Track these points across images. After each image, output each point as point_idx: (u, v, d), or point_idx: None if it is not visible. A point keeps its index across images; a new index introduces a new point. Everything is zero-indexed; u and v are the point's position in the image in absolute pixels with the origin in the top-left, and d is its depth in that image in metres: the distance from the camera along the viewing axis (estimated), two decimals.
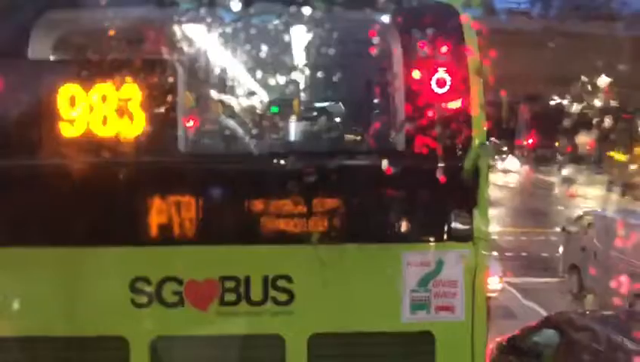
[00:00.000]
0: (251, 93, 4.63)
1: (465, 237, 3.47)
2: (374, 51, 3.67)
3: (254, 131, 4.37)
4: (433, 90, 3.44)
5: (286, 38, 4.07)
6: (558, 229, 15.26)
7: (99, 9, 3.49)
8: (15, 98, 3.41)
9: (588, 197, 24.18)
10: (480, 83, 3.48)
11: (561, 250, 13.75)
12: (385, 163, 3.50)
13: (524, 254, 15.79)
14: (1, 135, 3.38)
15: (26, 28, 3.45)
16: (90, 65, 3.50)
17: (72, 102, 3.36)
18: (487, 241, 3.54)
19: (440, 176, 3.40)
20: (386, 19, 3.55)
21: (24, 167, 3.38)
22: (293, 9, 3.53)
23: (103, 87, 3.38)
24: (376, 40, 3.64)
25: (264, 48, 4.11)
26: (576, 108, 32.35)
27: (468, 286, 3.49)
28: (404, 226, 3.49)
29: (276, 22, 3.77)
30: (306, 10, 3.50)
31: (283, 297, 3.44)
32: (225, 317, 3.44)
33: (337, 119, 4.72)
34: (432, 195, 3.45)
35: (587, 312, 9.12)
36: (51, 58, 3.60)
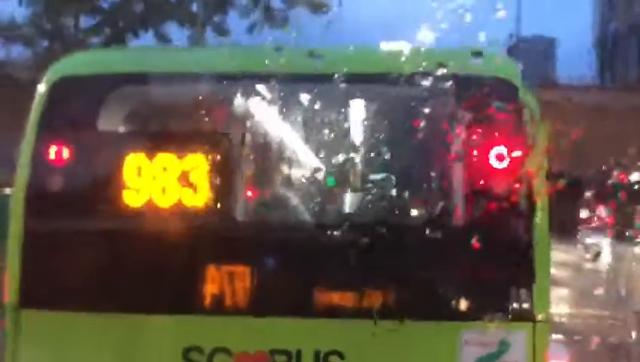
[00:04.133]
0: (309, 165, 4.68)
1: (525, 316, 3.31)
2: (432, 124, 3.67)
3: (311, 202, 4.39)
4: (492, 165, 3.39)
5: (345, 111, 4.12)
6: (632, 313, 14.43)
7: (170, 85, 3.65)
8: (84, 167, 3.57)
9: None
10: (542, 157, 3.41)
11: (634, 335, 12.95)
12: (442, 237, 3.43)
13: (593, 338, 14.93)
14: (67, 201, 3.52)
15: (100, 101, 3.63)
16: (156, 136, 3.64)
17: (138, 172, 3.48)
18: (549, 321, 3.37)
19: (498, 252, 3.30)
20: (444, 93, 3.56)
21: (84, 233, 3.48)
22: (353, 83, 3.60)
23: (166, 158, 3.49)
24: (434, 113, 3.65)
25: (323, 121, 4.18)
26: None
27: None
28: (461, 304, 3.37)
29: (335, 95, 3.84)
30: (366, 84, 3.56)
31: None
32: None
33: (394, 192, 4.70)
34: (489, 271, 3.34)
35: None
36: (120, 130, 3.77)
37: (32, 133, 3.54)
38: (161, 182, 3.47)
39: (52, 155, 3.51)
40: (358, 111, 4.26)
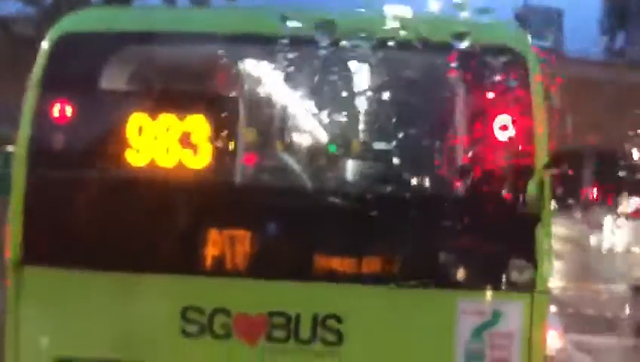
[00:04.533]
0: (311, 131, 4.66)
1: (524, 287, 3.34)
2: (437, 94, 3.65)
3: (312, 169, 4.39)
4: (496, 136, 3.38)
5: (349, 78, 4.10)
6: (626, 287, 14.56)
7: (174, 45, 3.62)
8: (87, 125, 3.56)
9: None
10: (545, 129, 3.39)
11: (628, 308, 13.09)
12: (444, 207, 3.44)
13: (587, 311, 15.09)
14: (70, 159, 3.52)
15: (104, 60, 3.60)
16: (158, 96, 3.62)
17: (140, 131, 3.48)
18: (547, 293, 3.40)
19: (500, 223, 3.31)
20: (450, 62, 3.53)
21: (86, 191, 3.49)
22: (359, 50, 3.56)
23: (168, 119, 3.48)
24: (439, 83, 3.62)
25: (327, 87, 4.15)
26: None
27: (525, 340, 3.34)
28: (460, 272, 3.40)
29: (340, 61, 3.81)
30: (371, 52, 3.53)
31: (332, 337, 3.39)
32: (272, 354, 3.41)
33: (396, 161, 4.68)
34: (490, 242, 3.35)
35: None
36: (123, 89, 3.75)
37: (35, 91, 3.53)
38: (163, 142, 3.47)
39: (55, 113, 3.50)
40: (362, 78, 4.23)
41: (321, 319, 3.39)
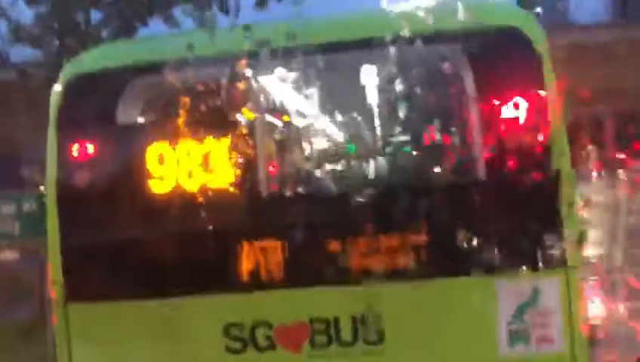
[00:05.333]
0: (329, 134, 4.70)
1: (556, 263, 3.34)
2: (447, 82, 3.65)
3: (335, 172, 4.42)
4: (509, 117, 3.38)
5: (358, 76, 4.12)
6: None
7: (182, 73, 3.68)
8: (108, 161, 3.65)
9: None
10: (559, 104, 3.39)
11: None
12: (469, 193, 3.44)
13: (627, 276, 14.80)
14: (97, 194, 3.61)
15: (115, 94, 3.69)
16: (175, 124, 3.69)
17: (161, 160, 3.55)
18: (581, 265, 3.39)
19: (525, 203, 3.31)
20: (457, 48, 3.54)
21: (119, 224, 3.57)
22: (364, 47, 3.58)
23: (188, 144, 3.55)
24: (448, 71, 3.62)
25: (337, 88, 4.19)
26: None
27: (565, 314, 3.34)
28: (493, 257, 3.41)
29: (348, 60, 3.84)
30: (378, 46, 3.55)
31: (373, 337, 3.41)
32: (316, 359, 3.45)
33: (416, 153, 4.70)
34: (517, 223, 3.35)
35: None
36: (139, 120, 3.83)
37: (53, 133, 3.62)
38: (186, 167, 3.54)
39: (75, 152, 3.59)
40: (372, 76, 4.25)
41: (360, 320, 3.42)
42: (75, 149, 3.61)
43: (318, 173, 4.20)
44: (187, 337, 3.51)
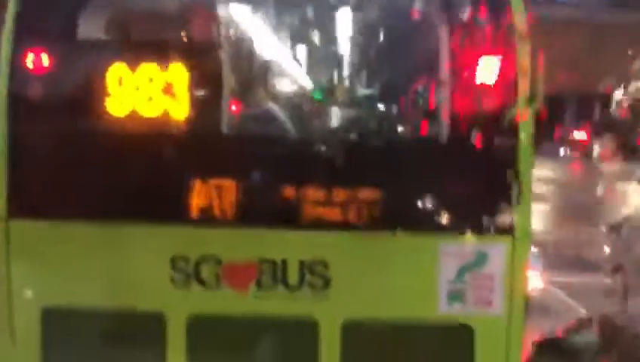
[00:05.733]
0: (295, 78, 4.63)
1: (505, 230, 3.41)
2: (419, 35, 3.62)
3: (297, 116, 4.38)
4: (475, 78, 3.39)
5: (330, 22, 4.05)
6: (604, 228, 14.88)
7: None
8: (65, 77, 3.51)
9: None
10: (525, 70, 3.40)
11: (607, 249, 13.40)
12: (426, 151, 3.46)
13: (567, 252, 15.44)
14: (50, 109, 3.48)
15: (77, 10, 3.52)
16: (138, 46, 3.56)
17: (120, 82, 3.43)
18: (529, 236, 3.48)
19: (480, 167, 3.35)
20: (432, 4, 3.50)
21: (68, 141, 3.46)
22: None
23: (150, 68, 3.43)
24: (421, 24, 3.59)
25: (308, 32, 4.11)
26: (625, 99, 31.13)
27: (507, 280, 3.44)
28: (442, 216, 3.46)
29: (321, 6, 3.76)
30: None
31: (319, 282, 3.46)
32: (261, 300, 3.48)
33: (380, 106, 4.68)
34: (472, 186, 3.40)
35: (630, 314, 8.88)
36: (101, 39, 3.68)
37: (8, 41, 3.45)
38: (146, 93, 3.44)
39: (29, 63, 3.44)
40: (344, 23, 4.18)
41: (307, 265, 3.45)
42: (29, 60, 3.45)
43: (280, 116, 4.15)
44: (132, 265, 3.47)
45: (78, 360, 3.53)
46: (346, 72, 4.26)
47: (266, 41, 4.13)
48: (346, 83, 4.44)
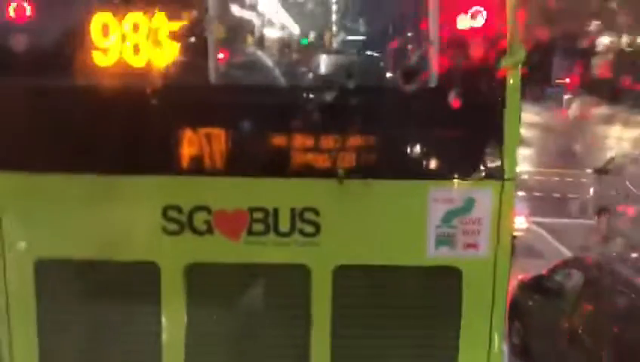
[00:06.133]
0: (282, 26, 4.57)
1: (492, 175, 3.46)
2: None
3: (284, 64, 4.34)
4: (464, 24, 3.37)
5: None
6: (589, 170, 15.06)
7: None
8: (45, 26, 3.44)
9: (623, 138, 23.63)
10: (513, 16, 3.38)
11: (592, 191, 13.59)
12: (414, 98, 3.46)
13: (553, 195, 15.65)
14: (34, 60, 3.43)
15: None
16: None
17: (105, 31, 3.38)
18: (515, 180, 3.53)
19: (467, 112, 3.37)
20: None
21: (59, 91, 3.42)
22: None
23: (135, 17, 3.37)
24: None
25: None
26: (613, 44, 31.01)
27: (493, 224, 3.51)
28: (430, 162, 3.49)
29: None
30: None
31: (310, 229, 3.51)
32: (253, 247, 3.53)
33: (368, 53, 4.65)
34: (459, 132, 3.42)
35: (614, 254, 9.10)
36: None
37: None
38: (132, 42, 3.39)
39: (11, 12, 3.38)
40: None
41: (298, 212, 3.49)
42: (12, 9, 3.38)
43: (268, 63, 4.12)
44: (123, 216, 3.49)
45: (72, 311, 3.58)
46: (334, 17, 4.21)
47: None
48: (334, 29, 4.39)
